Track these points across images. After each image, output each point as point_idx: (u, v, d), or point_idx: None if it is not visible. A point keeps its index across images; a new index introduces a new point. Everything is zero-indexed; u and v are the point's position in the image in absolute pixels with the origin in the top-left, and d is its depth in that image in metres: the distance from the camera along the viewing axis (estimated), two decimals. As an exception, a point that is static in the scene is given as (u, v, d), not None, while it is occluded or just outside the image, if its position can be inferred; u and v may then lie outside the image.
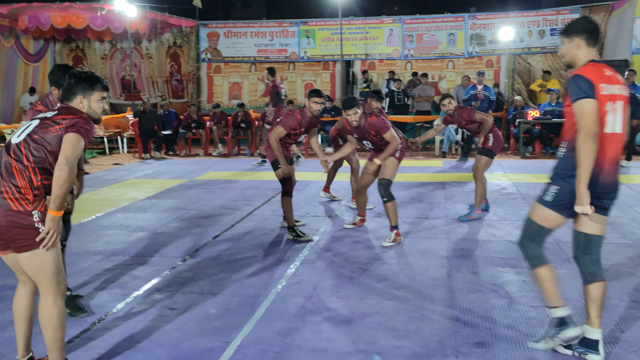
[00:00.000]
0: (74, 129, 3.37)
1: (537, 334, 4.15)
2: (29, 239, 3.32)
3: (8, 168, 3.35)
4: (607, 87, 3.63)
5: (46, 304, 3.43)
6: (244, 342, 4.11)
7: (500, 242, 6.55)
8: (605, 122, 3.62)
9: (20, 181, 3.32)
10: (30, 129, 3.42)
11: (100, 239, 6.88)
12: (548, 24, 17.63)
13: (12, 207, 3.29)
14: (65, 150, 3.32)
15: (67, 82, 3.64)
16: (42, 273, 3.40)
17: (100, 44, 19.81)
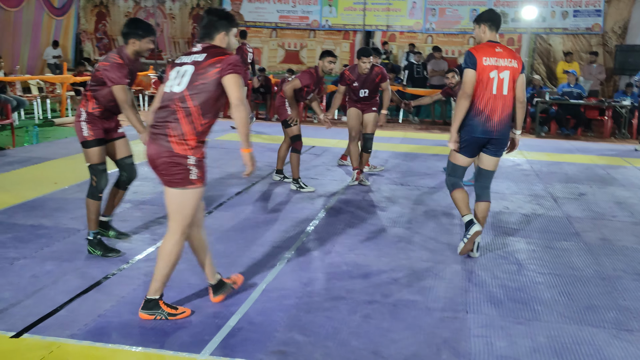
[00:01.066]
0: (232, 69, 3.58)
1: (543, 297, 4.42)
2: (182, 178, 3.62)
3: (174, 115, 3.59)
4: (491, 60, 4.91)
5: (170, 240, 3.75)
6: (269, 287, 4.40)
7: (512, 213, 6.79)
8: (490, 85, 4.92)
9: (185, 127, 3.57)
10: (188, 77, 3.61)
11: (129, 188, 7.15)
12: (572, 5, 17.58)
13: (174, 149, 3.58)
14: (234, 92, 3.57)
15: (208, 19, 3.78)
16: (180, 211, 3.70)
17: (124, 1, 19.97)
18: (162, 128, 3.62)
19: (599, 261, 5.27)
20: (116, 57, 4.78)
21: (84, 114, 4.88)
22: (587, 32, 17.49)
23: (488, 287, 4.60)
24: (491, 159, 5.15)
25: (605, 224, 6.48)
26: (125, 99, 4.75)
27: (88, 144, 4.92)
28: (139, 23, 4.94)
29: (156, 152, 3.61)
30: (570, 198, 7.65)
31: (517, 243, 5.73)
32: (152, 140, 3.65)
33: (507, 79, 4.94)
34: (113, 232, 5.34)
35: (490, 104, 4.93)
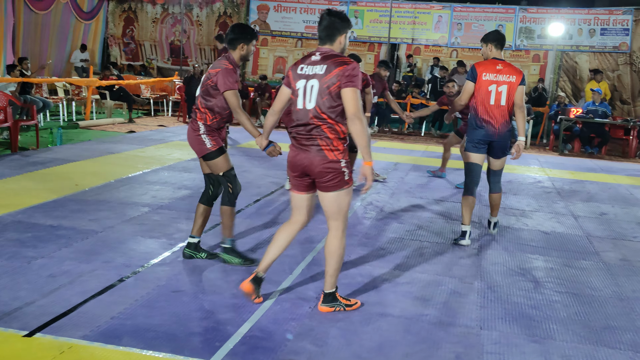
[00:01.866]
0: (350, 84, 3.79)
1: (559, 316, 4.36)
2: (339, 181, 3.92)
3: (318, 129, 3.87)
4: (491, 75, 5.74)
5: (335, 237, 4.05)
6: (283, 296, 4.39)
7: (531, 231, 6.72)
8: (488, 97, 5.74)
9: (331, 134, 3.87)
10: (315, 92, 3.86)
11: (148, 192, 7.23)
12: (599, 23, 17.46)
13: (328, 156, 3.87)
14: (351, 106, 3.78)
15: (331, 21, 3.95)
16: (339, 211, 4.01)
17: (152, 7, 20.20)
18: (310, 139, 3.89)
19: (617, 282, 5.19)
20: (226, 63, 4.82)
21: (203, 127, 4.88)
22: (614, 50, 17.34)
23: (503, 303, 4.55)
24: (497, 161, 6.05)
25: (626, 245, 6.39)
26: (238, 104, 4.79)
27: (213, 154, 4.89)
28: (245, 27, 5.01)
29: (310, 162, 3.90)
30: (591, 217, 7.56)
31: (535, 260, 5.66)
32: (303, 150, 3.93)
33: (505, 92, 5.75)
34: (204, 253, 5.14)
35: (489, 112, 5.77)
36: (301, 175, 4.01)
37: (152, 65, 20.40)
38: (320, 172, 3.90)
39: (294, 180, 4.10)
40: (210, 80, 4.79)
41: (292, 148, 4.04)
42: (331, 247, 4.05)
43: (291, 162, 4.02)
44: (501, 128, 5.80)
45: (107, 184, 7.56)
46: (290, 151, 4.04)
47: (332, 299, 4.15)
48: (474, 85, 5.79)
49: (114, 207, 6.49)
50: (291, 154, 4.02)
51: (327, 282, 4.14)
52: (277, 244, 4.21)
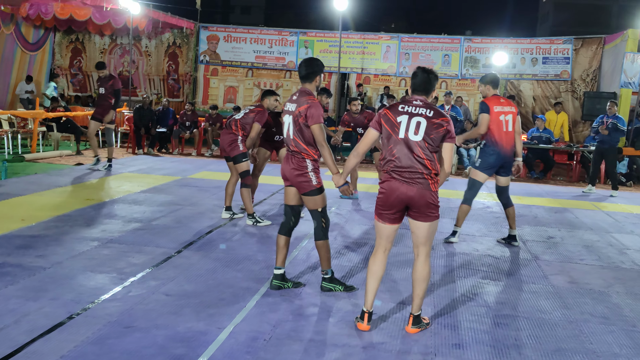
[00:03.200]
0: (452, 139, 4.34)
1: (511, 340, 4.43)
2: (435, 213, 4.33)
3: (421, 161, 4.24)
4: (499, 107, 7.00)
5: (426, 263, 4.42)
6: (237, 329, 4.35)
7: (481, 256, 6.84)
8: (501, 125, 6.95)
9: (432, 169, 4.25)
10: (424, 129, 4.24)
11: (97, 226, 7.09)
12: (541, 52, 18.07)
13: (432, 187, 4.26)
14: (448, 160, 4.38)
15: (428, 77, 4.40)
16: (430, 238, 4.40)
17: (101, 38, 20.01)
18: (415, 172, 4.24)
19: (566, 304, 5.31)
20: (313, 98, 5.07)
21: (311, 165, 5.09)
22: (556, 78, 17.94)
23: (456, 329, 4.61)
24: (505, 179, 7.29)
25: (573, 267, 6.56)
26: (324, 138, 5.02)
27: (319, 190, 5.12)
28: (316, 61, 5.26)
29: (418, 194, 4.23)
30: (539, 241, 7.74)
31: (486, 285, 5.76)
32: (409, 183, 4.24)
33: (510, 120, 7.01)
34: (290, 282, 5.33)
35: (502, 138, 6.97)
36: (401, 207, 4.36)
37: (102, 96, 20.11)
38: (425, 204, 4.27)
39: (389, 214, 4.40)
40: (302, 118, 5.00)
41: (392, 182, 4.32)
42: (422, 274, 4.40)
43: (402, 199, 4.30)
44: (509, 151, 7.03)
45: (54, 218, 7.39)
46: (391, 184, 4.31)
47: (419, 320, 4.47)
48: (488, 116, 6.94)
49: (62, 242, 6.34)
50: (402, 191, 4.28)
51: (416, 304, 4.44)
52: (375, 275, 4.49)
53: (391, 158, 4.30)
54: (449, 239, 7.31)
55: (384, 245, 4.47)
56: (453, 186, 12.28)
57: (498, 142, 6.98)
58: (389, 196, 4.31)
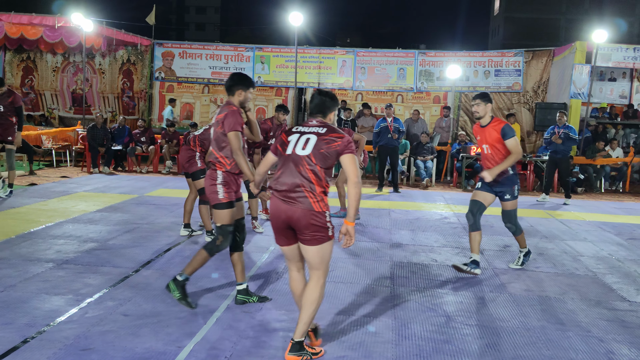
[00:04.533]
0: (350, 150, 4.07)
1: (471, 349, 4.48)
2: (323, 235, 4.03)
3: (306, 176, 4.02)
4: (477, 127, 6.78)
5: (317, 286, 4.11)
6: (197, 347, 4.30)
7: (440, 266, 6.91)
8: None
9: (318, 187, 4.02)
10: (313, 143, 4.06)
11: (52, 247, 6.94)
12: (493, 65, 18.45)
13: (315, 207, 3.99)
14: (352, 170, 4.01)
15: (323, 100, 4.30)
16: (322, 262, 4.10)
17: (53, 57, 19.67)
18: (296, 191, 4.02)
19: (523, 312, 5.40)
20: (233, 107, 5.13)
21: (220, 177, 5.11)
22: (508, 90, 18.33)
23: (417, 339, 4.64)
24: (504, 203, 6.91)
25: (529, 275, 6.67)
26: (240, 146, 5.02)
27: (223, 205, 5.11)
28: (243, 75, 5.28)
29: (299, 215, 3.98)
30: (495, 250, 7.86)
31: (445, 295, 5.82)
32: (288, 203, 4.01)
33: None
34: (255, 296, 5.33)
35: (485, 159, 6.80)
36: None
37: (54, 115, 19.80)
38: (306, 225, 4.01)
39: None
40: (220, 125, 5.07)
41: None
42: (311, 297, 4.09)
43: (280, 218, 4.13)
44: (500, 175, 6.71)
45: (7, 240, 7.21)
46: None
47: (299, 347, 4.10)
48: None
49: (15, 264, 6.19)
50: (277, 209, 4.13)
51: (299, 330, 4.09)
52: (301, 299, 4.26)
53: (276, 176, 4.16)
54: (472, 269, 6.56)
55: (294, 265, 4.30)
56: (411, 198, 12.42)
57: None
58: (273, 216, 4.14)
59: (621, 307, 5.68)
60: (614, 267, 7.21)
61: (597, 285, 6.38)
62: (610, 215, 11.23)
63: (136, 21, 20.72)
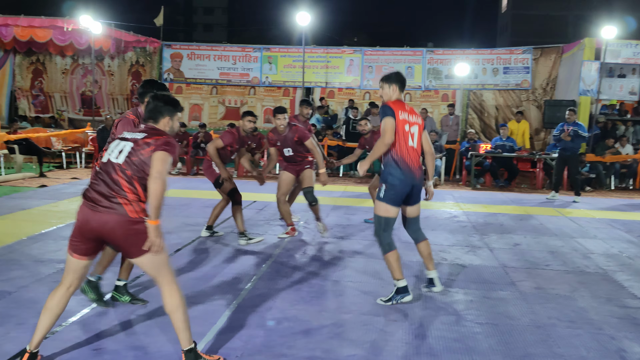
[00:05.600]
0: (163, 147, 3.81)
1: (481, 347, 4.48)
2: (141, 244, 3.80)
3: (119, 184, 3.79)
4: (404, 114, 5.33)
5: (170, 291, 3.90)
6: (208, 346, 4.32)
7: (450, 265, 6.90)
8: (407, 138, 5.33)
9: (131, 195, 3.79)
10: (127, 151, 3.84)
11: (63, 248, 6.98)
12: (502, 62, 18.41)
13: (132, 215, 3.77)
14: (157, 165, 3.75)
15: (155, 105, 4.05)
16: (159, 270, 3.90)
17: (62, 59, 19.77)
18: (108, 198, 3.78)
19: (534, 310, 5.39)
20: (129, 114, 5.08)
21: None
22: (517, 87, 18.28)
23: (427, 338, 4.64)
24: (413, 208, 5.67)
25: (539, 273, 6.66)
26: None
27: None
28: (154, 82, 5.16)
29: (112, 224, 3.76)
30: (505, 248, 7.84)
31: (455, 294, 5.81)
32: (97, 211, 3.78)
33: (416, 133, 5.45)
34: (128, 297, 5.21)
35: (408, 154, 5.36)
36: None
37: (63, 117, 19.90)
38: (122, 236, 3.82)
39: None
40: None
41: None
42: (170, 305, 3.89)
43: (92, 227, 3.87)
44: (417, 172, 5.42)
45: (18, 241, 7.26)
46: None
47: (194, 356, 3.91)
48: (394, 120, 5.26)
49: (27, 265, 6.23)
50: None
51: (181, 338, 3.91)
52: (50, 312, 3.95)
53: (89, 182, 3.98)
54: (397, 298, 5.43)
55: (69, 280, 3.95)
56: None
57: (404, 161, 5.34)
58: (79, 223, 3.86)
59: (632, 304, 5.66)
60: (624, 264, 7.19)
61: (607, 283, 6.36)
62: (621, 213, 11.19)
63: (144, 23, 20.81)
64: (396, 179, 5.31)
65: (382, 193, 5.38)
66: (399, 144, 5.32)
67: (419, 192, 5.55)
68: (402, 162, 5.32)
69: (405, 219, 5.71)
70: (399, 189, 5.34)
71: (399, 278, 5.39)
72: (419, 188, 5.51)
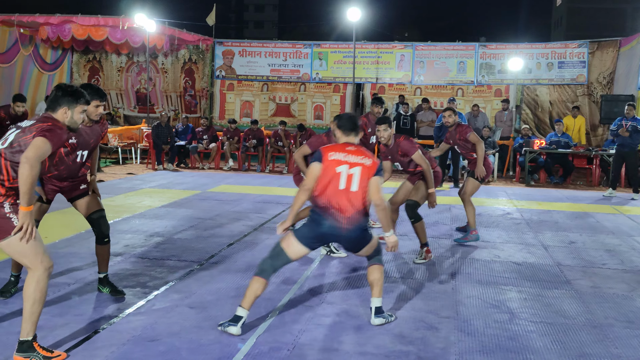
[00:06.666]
0: (40, 133, 3.77)
1: (536, 346, 4.41)
2: (4, 229, 3.79)
3: None
4: (337, 154, 4.57)
5: (32, 278, 3.85)
6: (260, 339, 4.37)
7: (503, 262, 6.80)
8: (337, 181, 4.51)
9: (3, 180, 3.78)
10: (12, 139, 3.84)
11: (120, 242, 7.16)
12: (557, 56, 17.99)
13: None
14: (28, 151, 3.69)
15: (54, 94, 4.03)
16: (23, 255, 3.87)
17: (117, 57, 20.24)
18: None
19: (590, 309, 5.27)
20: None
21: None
22: (572, 82, 17.85)
23: (480, 336, 4.59)
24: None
25: (595, 272, 6.50)
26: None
27: None
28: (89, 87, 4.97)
29: None
30: (560, 246, 7.68)
31: (508, 292, 5.73)
32: None
33: (356, 175, 4.55)
34: (108, 288, 5.30)
35: (336, 199, 4.52)
36: None
37: (119, 114, 20.38)
38: None
39: None
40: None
41: None
42: (26, 291, 3.84)
43: None
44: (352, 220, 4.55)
45: (77, 235, 7.48)
46: None
47: (27, 347, 3.82)
48: (321, 165, 4.58)
49: (85, 258, 6.41)
50: None
51: (23, 328, 3.84)
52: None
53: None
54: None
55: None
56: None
57: (328, 206, 4.52)
58: None
59: (694, 305, 5.48)
60: (686, 264, 6.96)
61: (668, 283, 6.17)
62: (682, 211, 10.82)
63: (197, 20, 21.12)
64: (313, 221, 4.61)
65: (297, 224, 4.98)
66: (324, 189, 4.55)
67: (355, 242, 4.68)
68: (326, 207, 4.54)
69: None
70: (311, 231, 4.59)
71: (245, 307, 4.49)
72: (350, 238, 4.62)
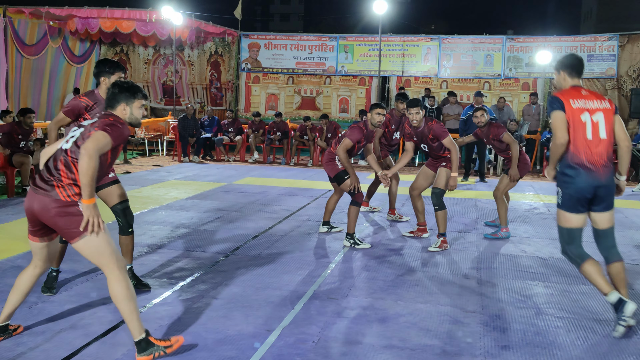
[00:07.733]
0: (101, 127, 3.77)
1: (562, 341, 4.37)
2: (73, 227, 3.76)
3: (58, 167, 3.80)
4: (579, 101, 4.53)
5: (114, 280, 3.80)
6: (286, 331, 4.39)
7: (530, 257, 6.75)
8: (584, 130, 4.49)
9: (65, 179, 3.77)
10: (77, 136, 3.86)
11: (146, 232, 7.24)
12: (586, 49, 17.73)
13: (61, 196, 3.73)
14: (87, 142, 3.65)
15: (111, 92, 4.04)
16: (98, 259, 3.82)
17: (144, 49, 20.41)
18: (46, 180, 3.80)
19: (618, 305, 5.20)
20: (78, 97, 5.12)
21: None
22: (602, 76, 17.59)
23: (506, 331, 4.56)
24: (603, 215, 4.68)
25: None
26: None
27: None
28: (107, 61, 5.16)
29: (40, 206, 3.75)
30: (587, 242, 7.55)
31: (535, 287, 5.68)
32: (36, 192, 3.78)
33: (602, 120, 4.53)
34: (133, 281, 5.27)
35: (589, 150, 4.51)
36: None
37: (146, 106, 20.43)
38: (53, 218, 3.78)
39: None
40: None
41: None
42: (115, 293, 3.79)
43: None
44: (604, 170, 4.58)
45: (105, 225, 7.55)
46: None
47: (145, 345, 3.82)
48: (563, 114, 4.54)
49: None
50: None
51: (131, 330, 3.83)
52: (19, 290, 4.09)
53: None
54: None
55: (34, 262, 4.06)
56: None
57: (582, 157, 4.53)
58: (24, 208, 3.89)
59: None
60: None
61: (699, 280, 6.07)
62: None
63: (223, 13, 21.20)
64: (570, 181, 4.55)
65: (559, 199, 4.70)
66: (574, 139, 4.52)
67: (608, 194, 4.61)
68: (577, 159, 4.52)
69: (595, 231, 4.81)
70: (575, 193, 4.54)
71: (606, 291, 4.51)
72: (607, 189, 4.59)
